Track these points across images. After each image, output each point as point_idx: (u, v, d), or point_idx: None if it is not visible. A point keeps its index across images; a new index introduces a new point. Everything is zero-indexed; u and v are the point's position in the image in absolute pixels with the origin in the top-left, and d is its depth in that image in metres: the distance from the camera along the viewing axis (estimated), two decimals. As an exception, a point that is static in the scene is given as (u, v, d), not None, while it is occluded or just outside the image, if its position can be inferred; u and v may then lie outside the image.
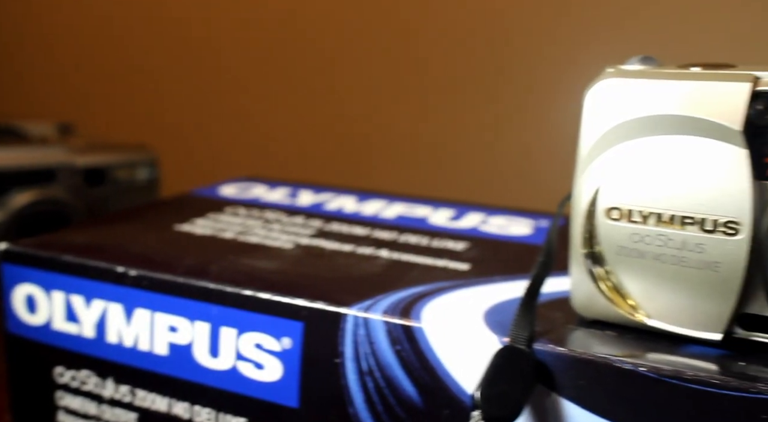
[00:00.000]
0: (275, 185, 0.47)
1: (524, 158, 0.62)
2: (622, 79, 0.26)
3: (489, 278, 0.32)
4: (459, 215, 0.42)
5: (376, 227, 0.39)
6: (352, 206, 0.43)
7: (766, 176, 0.24)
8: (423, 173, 0.71)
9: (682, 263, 0.25)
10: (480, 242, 0.37)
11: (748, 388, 0.22)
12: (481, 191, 0.62)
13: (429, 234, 0.38)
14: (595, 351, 0.25)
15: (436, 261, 0.34)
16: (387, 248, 0.36)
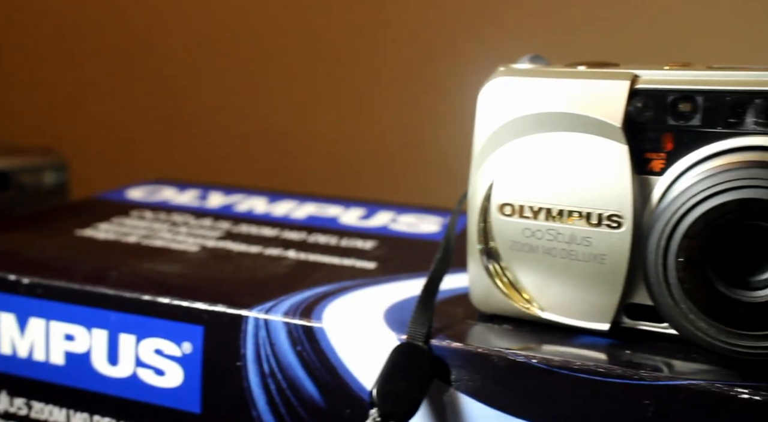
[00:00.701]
0: (185, 187, 0.47)
1: (435, 156, 0.63)
2: (512, 77, 0.27)
3: (394, 276, 0.33)
4: (369, 214, 0.42)
5: (285, 228, 0.39)
6: (262, 207, 0.43)
7: (646, 171, 0.25)
8: (336, 172, 0.71)
9: (571, 256, 0.26)
10: (388, 240, 0.38)
11: (631, 375, 0.23)
12: (394, 189, 0.63)
13: (338, 234, 0.38)
14: (491, 345, 0.25)
15: (343, 261, 0.34)
16: (295, 249, 0.36)
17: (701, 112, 0.24)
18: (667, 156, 0.25)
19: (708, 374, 0.23)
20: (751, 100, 0.24)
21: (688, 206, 0.22)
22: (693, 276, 0.22)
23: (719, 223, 0.22)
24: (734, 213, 0.21)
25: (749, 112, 0.24)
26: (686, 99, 0.24)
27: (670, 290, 0.22)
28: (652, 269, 0.23)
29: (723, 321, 0.22)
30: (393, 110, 0.70)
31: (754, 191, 0.21)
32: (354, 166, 0.71)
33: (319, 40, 0.73)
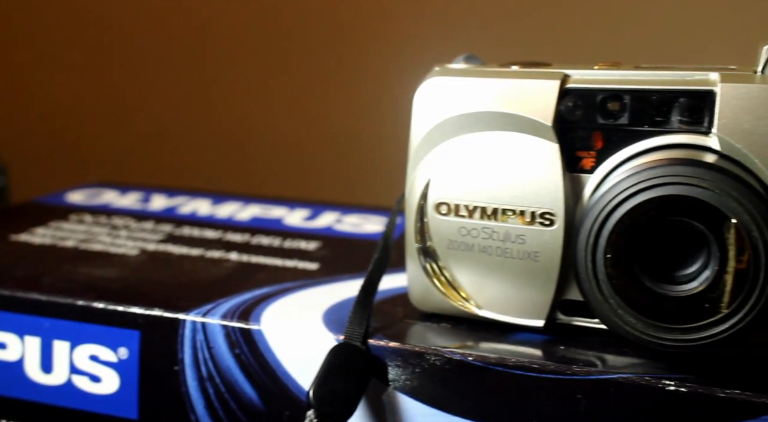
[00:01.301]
0: (126, 190, 0.46)
1: (379, 155, 0.63)
2: (447, 77, 0.27)
3: (336, 276, 0.32)
4: (314, 215, 0.42)
5: (229, 230, 0.39)
6: (206, 209, 0.42)
7: (577, 169, 0.25)
8: (280, 173, 0.71)
9: (506, 254, 0.26)
10: (332, 241, 0.38)
11: (564, 371, 0.24)
12: (339, 189, 0.63)
13: (282, 235, 0.38)
14: (428, 344, 0.25)
15: (285, 262, 0.34)
16: (237, 251, 0.35)
17: (629, 111, 0.25)
18: (597, 154, 0.25)
19: (638, 367, 0.24)
20: (676, 99, 0.24)
21: (614, 204, 0.22)
22: (621, 272, 0.23)
23: (644, 219, 0.22)
24: (658, 210, 0.22)
25: (674, 110, 0.24)
26: (614, 98, 0.25)
27: (600, 286, 0.23)
28: (581, 266, 0.23)
29: (650, 315, 0.22)
30: (338, 110, 0.70)
31: (676, 188, 0.22)
32: (299, 166, 0.71)
33: (260, 40, 0.73)
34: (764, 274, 0.21)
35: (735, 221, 0.21)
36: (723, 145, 0.23)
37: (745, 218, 0.21)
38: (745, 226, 0.21)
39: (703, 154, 0.23)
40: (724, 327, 0.22)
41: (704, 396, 0.22)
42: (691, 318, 0.22)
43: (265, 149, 0.72)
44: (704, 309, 0.22)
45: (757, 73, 0.24)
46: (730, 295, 0.21)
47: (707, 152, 0.23)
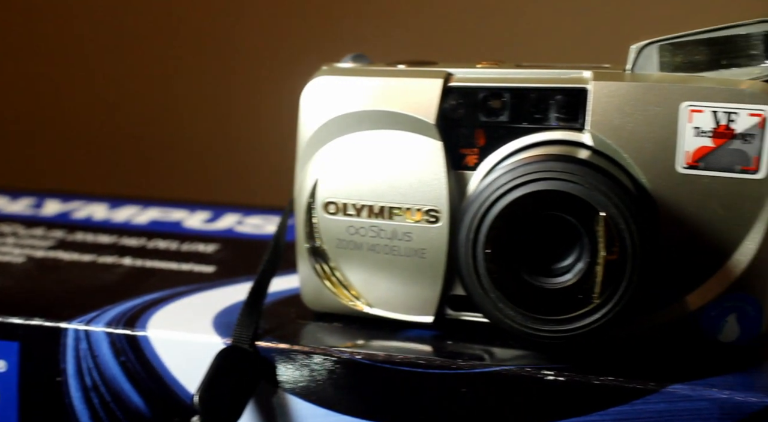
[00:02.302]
0: (18, 195, 0.44)
1: (282, 155, 0.63)
2: (333, 76, 0.27)
3: (232, 279, 0.32)
4: (215, 217, 0.41)
5: (124, 235, 0.38)
6: (102, 214, 0.41)
7: (461, 166, 0.26)
8: (181, 175, 0.70)
9: (394, 252, 0.26)
10: (232, 243, 0.37)
11: (449, 365, 0.24)
12: (241, 190, 0.62)
13: (180, 238, 0.37)
14: (318, 344, 0.25)
15: (181, 266, 0.33)
16: (131, 256, 0.34)
17: (509, 108, 0.25)
18: (479, 151, 0.26)
19: (521, 359, 0.24)
20: (553, 96, 0.25)
21: (491, 200, 0.23)
22: (500, 266, 0.23)
23: (520, 214, 0.23)
24: (533, 205, 0.23)
25: (551, 108, 0.25)
26: (495, 96, 0.25)
27: (480, 281, 0.23)
28: (463, 261, 0.23)
29: (528, 307, 0.23)
30: (238, 109, 0.69)
31: (549, 183, 0.22)
32: (200, 168, 0.69)
33: (155, 41, 0.71)
34: (632, 265, 0.22)
35: (603, 215, 0.22)
36: (595, 141, 0.24)
37: (613, 211, 0.22)
38: (613, 219, 0.22)
39: (577, 150, 0.24)
40: (597, 317, 0.22)
41: (580, 384, 0.23)
42: (566, 309, 0.23)
43: (165, 151, 0.70)
44: (578, 300, 0.22)
45: (626, 71, 0.25)
46: (601, 285, 0.22)
47: (581, 147, 0.24)
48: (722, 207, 0.24)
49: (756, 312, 0.24)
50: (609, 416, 0.23)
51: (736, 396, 0.22)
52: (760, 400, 0.22)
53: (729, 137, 0.23)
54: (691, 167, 0.24)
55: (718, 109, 0.23)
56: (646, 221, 0.22)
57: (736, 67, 0.24)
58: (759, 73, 0.24)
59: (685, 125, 0.24)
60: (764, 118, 0.23)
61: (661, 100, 0.24)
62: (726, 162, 0.23)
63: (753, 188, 0.23)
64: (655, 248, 0.23)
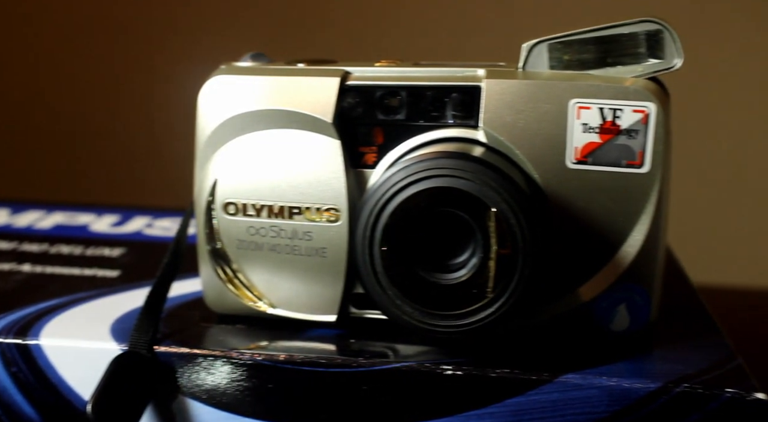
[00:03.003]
0: None
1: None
2: (231, 75, 0.26)
3: (136, 283, 0.31)
4: (123, 220, 0.40)
5: (25, 240, 0.36)
6: (2, 219, 0.39)
7: (361, 164, 0.26)
8: (89, 178, 0.68)
9: (295, 251, 0.26)
10: (139, 246, 0.36)
11: (350, 364, 0.24)
12: (153, 193, 0.61)
13: (85, 243, 0.36)
14: (220, 346, 0.25)
15: (84, 271, 0.32)
16: (31, 262, 0.33)
17: (406, 106, 0.25)
18: (378, 149, 0.26)
19: (422, 355, 0.24)
20: (448, 94, 0.25)
21: (386, 198, 0.23)
22: (396, 263, 0.23)
23: (415, 211, 0.23)
24: (427, 201, 0.23)
25: (448, 105, 0.25)
26: (392, 94, 0.25)
27: (378, 278, 0.23)
28: (360, 259, 0.23)
29: (425, 303, 0.23)
30: (151, 111, 0.68)
31: (442, 180, 0.23)
32: (110, 171, 0.68)
33: (48, 42, 0.69)
34: (523, 259, 0.22)
35: (494, 210, 0.22)
36: (489, 138, 0.25)
37: (503, 206, 0.22)
38: (503, 214, 0.22)
39: (471, 147, 0.24)
40: (491, 310, 0.23)
41: (478, 378, 0.23)
42: (462, 304, 0.23)
43: (75, 153, 0.68)
44: (473, 295, 0.23)
45: (519, 69, 0.25)
46: (494, 280, 0.23)
47: (475, 144, 0.25)
48: (610, 201, 0.24)
49: (645, 301, 0.25)
50: (506, 407, 0.23)
51: (623, 383, 0.23)
52: (645, 386, 0.22)
53: (615, 133, 0.24)
54: (579, 163, 0.24)
55: (604, 106, 0.24)
56: (536, 215, 0.23)
57: (621, 65, 0.25)
58: (642, 71, 0.25)
59: (574, 122, 0.24)
60: (647, 114, 0.24)
61: (550, 98, 0.24)
62: (613, 157, 0.24)
63: (638, 181, 0.24)
64: (546, 242, 0.23)
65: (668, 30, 0.24)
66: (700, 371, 0.23)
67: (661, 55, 0.25)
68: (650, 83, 0.24)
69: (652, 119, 0.24)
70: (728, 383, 0.22)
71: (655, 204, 0.24)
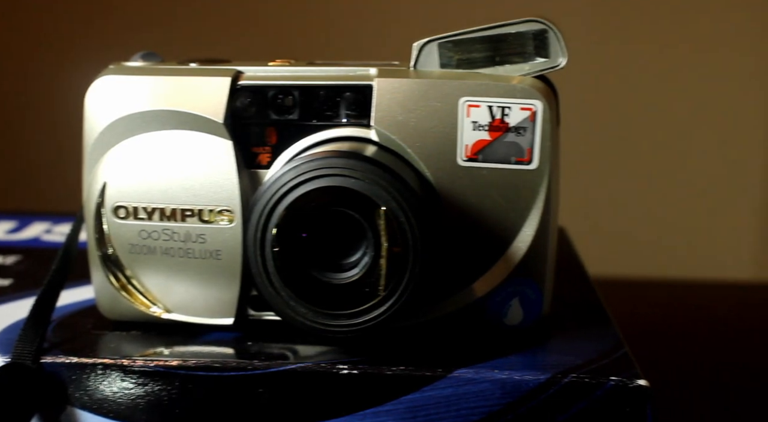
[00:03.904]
0: None
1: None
2: (119, 76, 0.26)
3: (29, 292, 0.30)
4: (20, 227, 0.38)
5: None
6: None
7: (254, 165, 0.25)
8: None
9: (189, 254, 0.25)
10: (36, 253, 0.35)
11: (245, 366, 0.24)
12: (54, 197, 0.59)
13: (-23, 251, 0.35)
14: (111, 354, 0.24)
15: (-27, 281, 0.31)
16: None
17: (299, 106, 0.25)
18: (272, 149, 0.25)
19: (320, 355, 0.24)
20: (342, 93, 0.25)
21: (277, 198, 0.23)
22: (289, 264, 0.23)
23: (306, 211, 0.23)
24: (318, 201, 0.23)
25: (341, 105, 0.25)
26: (285, 94, 0.25)
27: (270, 280, 0.23)
28: (252, 261, 0.23)
29: (318, 304, 0.23)
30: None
31: (331, 180, 0.22)
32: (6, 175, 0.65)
33: None
34: (414, 257, 0.23)
35: (384, 209, 0.22)
36: (380, 137, 0.25)
37: (393, 205, 0.22)
38: (393, 213, 0.22)
39: (364, 146, 0.24)
40: (384, 309, 0.23)
41: (374, 376, 0.23)
42: (355, 303, 0.23)
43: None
44: (365, 294, 0.23)
45: (410, 68, 0.26)
46: (386, 278, 0.23)
47: (368, 143, 0.25)
48: (501, 197, 0.25)
49: (537, 296, 0.25)
50: (402, 404, 0.23)
51: (514, 376, 0.23)
52: (536, 378, 0.23)
53: (504, 131, 0.25)
54: (470, 160, 0.25)
55: (493, 104, 0.24)
56: (427, 213, 0.23)
57: (509, 64, 0.25)
58: (530, 70, 0.25)
59: (464, 120, 0.25)
60: (534, 111, 0.24)
61: (441, 96, 0.25)
62: (502, 154, 0.25)
63: (528, 178, 0.25)
64: (438, 240, 0.24)
65: (552, 30, 0.25)
66: (588, 361, 0.24)
67: (547, 55, 0.25)
68: (537, 82, 0.25)
69: (539, 117, 0.24)
70: (613, 371, 0.23)
71: (544, 200, 0.25)
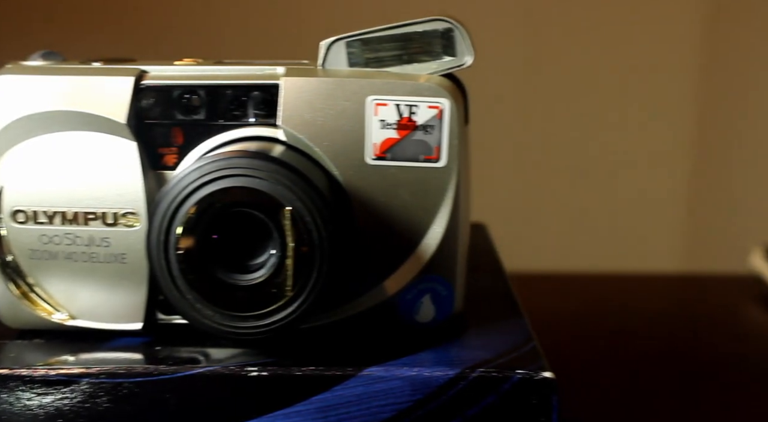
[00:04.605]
0: None
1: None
2: (17, 75, 0.25)
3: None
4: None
5: None
6: None
7: (160, 166, 0.25)
8: None
9: (93, 259, 0.25)
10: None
11: (152, 372, 0.23)
12: None
13: None
14: (10, 364, 0.23)
15: None
16: None
17: (205, 106, 0.25)
18: (178, 150, 0.25)
19: (232, 358, 0.24)
20: (249, 93, 0.25)
21: (179, 199, 0.22)
22: (194, 266, 0.23)
23: (210, 212, 0.22)
24: (222, 202, 0.22)
25: (249, 104, 0.25)
26: (191, 93, 0.25)
27: (175, 283, 0.23)
28: (156, 264, 0.23)
29: (225, 306, 0.23)
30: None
31: (235, 180, 0.22)
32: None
33: None
34: (321, 256, 0.22)
35: (290, 209, 0.22)
36: (288, 136, 0.24)
37: (298, 204, 0.22)
38: (298, 212, 0.22)
39: (271, 145, 0.24)
40: (292, 309, 0.23)
41: (283, 377, 0.23)
42: (262, 304, 0.23)
43: None
44: (272, 295, 0.23)
45: (318, 67, 0.26)
46: (293, 279, 0.22)
47: (276, 143, 0.24)
48: (410, 195, 0.25)
49: (448, 292, 0.26)
50: (312, 405, 0.23)
51: (424, 372, 0.23)
52: (445, 373, 0.23)
53: (412, 129, 0.25)
54: (379, 159, 0.25)
55: (400, 102, 0.25)
56: (334, 212, 0.23)
57: (417, 62, 0.25)
58: (437, 68, 0.25)
59: (372, 118, 0.25)
60: (441, 110, 0.25)
61: (348, 95, 0.25)
62: (411, 152, 0.25)
63: (436, 175, 0.25)
64: (346, 238, 0.24)
65: (458, 28, 0.25)
66: (497, 355, 0.24)
67: (454, 53, 0.25)
68: (444, 80, 0.25)
69: (446, 115, 0.25)
70: (520, 365, 0.24)
71: (453, 197, 0.25)
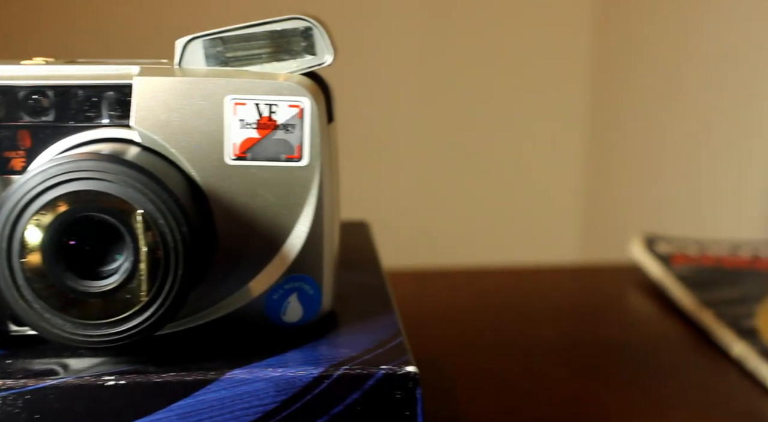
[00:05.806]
0: None
1: None
2: None
3: None
4: None
5: None
6: None
7: (8, 170, 0.24)
8: None
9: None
10: None
11: (0, 386, 0.22)
12: None
13: None
14: None
15: None
16: None
17: (55, 107, 0.24)
18: (26, 153, 0.24)
19: (90, 369, 0.23)
20: (102, 93, 0.24)
21: (21, 205, 0.21)
22: (41, 275, 0.22)
23: (57, 218, 0.21)
24: (68, 207, 0.21)
25: (103, 105, 0.24)
26: (39, 94, 0.24)
27: (21, 293, 0.22)
28: (0, 274, 0.22)
29: (76, 314, 0.22)
30: None
31: (84, 183, 0.21)
32: None
33: None
34: (174, 260, 0.22)
35: (141, 212, 0.22)
36: (143, 137, 0.24)
37: (150, 207, 0.22)
38: (151, 215, 0.22)
39: (125, 147, 0.24)
40: (147, 315, 0.22)
41: (142, 385, 0.23)
42: (116, 311, 0.22)
43: None
44: (127, 300, 0.22)
45: (175, 66, 0.25)
46: (147, 284, 0.22)
47: (130, 144, 0.24)
48: (273, 195, 0.25)
49: (315, 291, 0.26)
50: (173, 412, 0.23)
51: (288, 372, 0.23)
52: (309, 373, 0.23)
53: (272, 128, 0.24)
54: (239, 159, 0.24)
55: (260, 101, 0.24)
56: (189, 215, 0.22)
57: (277, 61, 0.25)
58: (297, 67, 0.25)
59: (231, 118, 0.24)
60: (302, 109, 0.25)
61: (206, 95, 0.24)
62: (272, 152, 0.25)
63: (299, 174, 0.25)
64: (203, 241, 0.23)
65: (317, 27, 0.25)
66: (364, 352, 0.24)
67: (314, 52, 0.25)
68: (305, 79, 0.25)
69: (307, 114, 0.25)
70: (385, 360, 0.24)
71: (317, 196, 0.25)
